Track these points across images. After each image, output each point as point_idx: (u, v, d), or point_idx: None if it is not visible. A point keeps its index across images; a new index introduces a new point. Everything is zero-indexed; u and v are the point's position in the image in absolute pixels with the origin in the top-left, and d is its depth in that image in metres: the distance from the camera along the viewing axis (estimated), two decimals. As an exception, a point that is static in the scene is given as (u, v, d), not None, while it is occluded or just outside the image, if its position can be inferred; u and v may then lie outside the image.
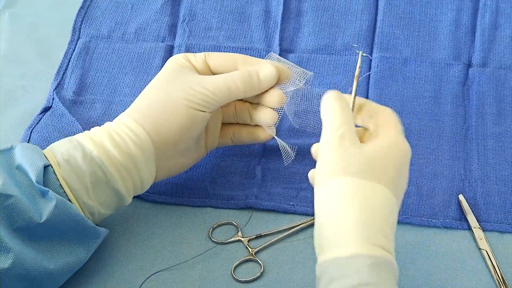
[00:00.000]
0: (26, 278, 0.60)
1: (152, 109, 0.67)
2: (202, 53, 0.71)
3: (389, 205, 0.58)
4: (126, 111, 0.69)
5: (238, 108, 0.73)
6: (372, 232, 0.56)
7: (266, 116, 0.71)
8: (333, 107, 0.62)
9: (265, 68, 0.70)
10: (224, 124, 0.74)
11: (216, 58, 0.71)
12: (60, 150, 0.65)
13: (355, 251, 0.55)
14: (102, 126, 0.68)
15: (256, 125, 0.73)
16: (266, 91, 0.70)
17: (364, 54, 0.67)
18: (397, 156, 0.60)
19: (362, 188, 0.58)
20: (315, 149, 0.64)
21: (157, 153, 0.67)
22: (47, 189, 0.62)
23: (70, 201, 0.63)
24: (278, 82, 0.71)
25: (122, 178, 0.65)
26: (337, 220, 0.57)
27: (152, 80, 0.70)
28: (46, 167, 0.63)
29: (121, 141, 0.66)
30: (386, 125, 0.63)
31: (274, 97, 0.70)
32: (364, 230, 0.56)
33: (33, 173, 0.62)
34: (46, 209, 0.61)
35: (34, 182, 0.62)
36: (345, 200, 0.57)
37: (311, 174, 0.63)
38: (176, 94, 0.67)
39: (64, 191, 0.63)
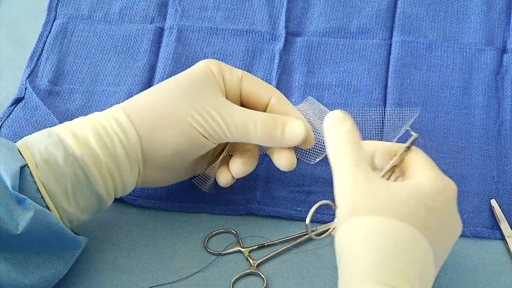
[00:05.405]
0: None
1: (153, 112, 0.67)
2: (240, 71, 0.71)
3: (415, 246, 0.58)
4: (123, 102, 0.68)
5: None
6: (389, 273, 0.56)
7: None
8: (337, 135, 0.61)
9: (295, 125, 0.69)
10: None
11: (252, 82, 0.71)
12: (38, 148, 0.64)
13: None
14: (88, 116, 0.68)
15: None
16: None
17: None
18: (431, 194, 0.60)
19: (384, 226, 0.58)
20: None
21: (144, 161, 0.67)
22: (24, 197, 0.61)
23: (48, 208, 0.63)
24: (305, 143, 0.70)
25: (104, 181, 0.66)
26: (355, 259, 0.57)
27: (171, 78, 0.70)
28: (23, 167, 0.63)
29: (108, 140, 0.66)
30: (415, 165, 0.62)
31: (284, 160, 0.70)
32: (379, 271, 0.56)
33: (8, 177, 0.62)
34: (23, 219, 0.61)
35: (10, 188, 0.61)
36: (365, 239, 0.58)
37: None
38: (186, 107, 0.67)
39: (42, 196, 0.63)
